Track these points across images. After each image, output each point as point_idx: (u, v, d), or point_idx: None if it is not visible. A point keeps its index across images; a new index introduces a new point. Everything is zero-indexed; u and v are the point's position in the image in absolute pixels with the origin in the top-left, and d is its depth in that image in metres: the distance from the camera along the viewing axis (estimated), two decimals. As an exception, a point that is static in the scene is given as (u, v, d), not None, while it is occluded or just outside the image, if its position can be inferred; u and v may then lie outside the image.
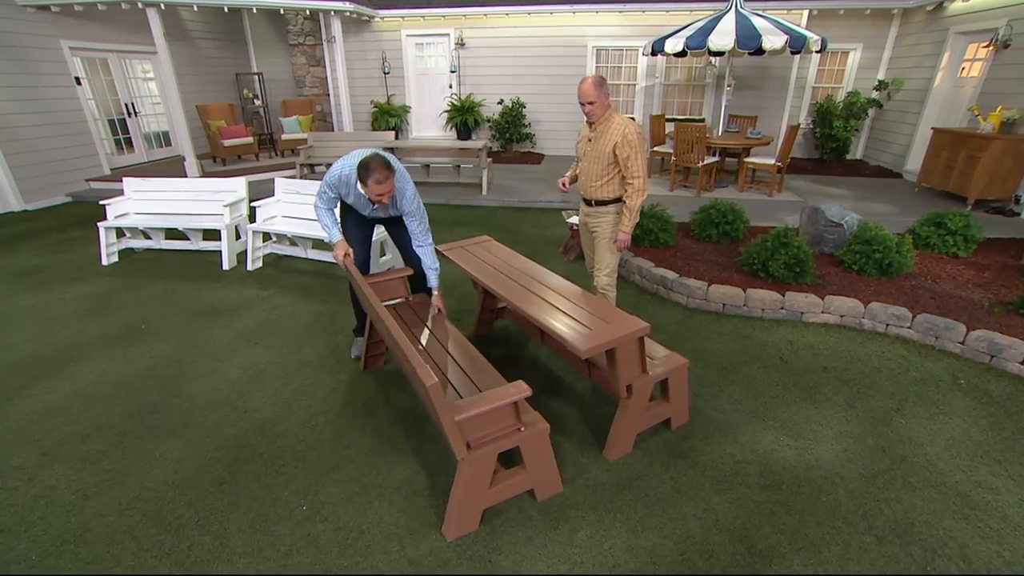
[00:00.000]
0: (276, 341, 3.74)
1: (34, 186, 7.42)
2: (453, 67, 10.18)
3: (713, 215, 5.17)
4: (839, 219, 4.80)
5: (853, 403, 3.01)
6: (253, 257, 5.11)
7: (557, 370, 3.36)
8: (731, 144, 7.02)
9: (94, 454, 2.66)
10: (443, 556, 2.09)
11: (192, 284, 4.75)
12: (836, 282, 4.22)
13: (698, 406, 2.97)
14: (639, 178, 2.98)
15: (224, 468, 2.56)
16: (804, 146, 9.76)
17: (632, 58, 9.55)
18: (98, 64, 8.44)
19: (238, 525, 2.24)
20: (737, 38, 6.05)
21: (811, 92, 9.41)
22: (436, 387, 1.77)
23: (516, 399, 2.02)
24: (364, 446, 2.70)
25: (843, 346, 3.60)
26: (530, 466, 2.22)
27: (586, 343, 2.17)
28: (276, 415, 2.95)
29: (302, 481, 2.48)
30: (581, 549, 2.11)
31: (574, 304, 2.55)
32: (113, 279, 4.88)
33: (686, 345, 3.61)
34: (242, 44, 11.20)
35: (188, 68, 9.73)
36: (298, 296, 4.48)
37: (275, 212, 5.30)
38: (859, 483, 2.44)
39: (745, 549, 2.11)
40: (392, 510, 2.31)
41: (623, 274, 4.80)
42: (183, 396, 3.12)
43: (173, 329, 3.92)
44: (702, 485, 2.43)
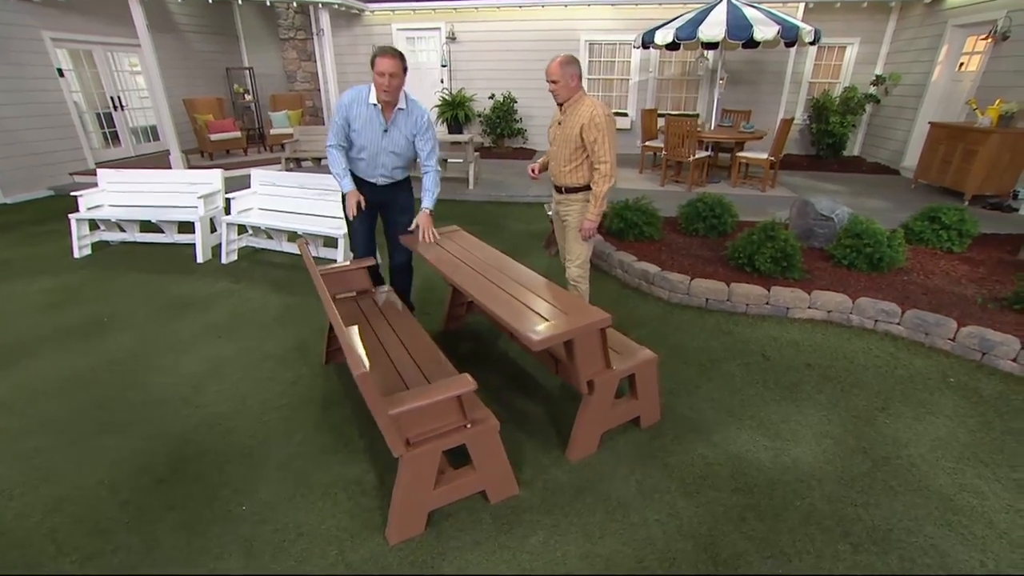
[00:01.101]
0: (241, 335, 3.60)
1: (15, 179, 7.30)
2: (444, 61, 10.04)
3: (700, 208, 5.02)
4: (829, 213, 4.64)
5: (836, 402, 2.85)
6: (227, 250, 4.97)
7: (527, 367, 3.21)
8: (723, 138, 6.86)
9: (28, 451, 2.52)
10: (383, 561, 1.94)
11: (163, 277, 4.62)
12: (825, 277, 4.06)
13: (671, 404, 2.82)
14: (606, 163, 2.83)
15: (166, 466, 2.42)
16: (800, 142, 9.59)
17: (625, 52, 9.39)
18: (83, 56, 8.32)
19: (171, 527, 2.10)
20: (728, 28, 5.89)
21: (807, 87, 9.24)
22: (365, 376, 1.63)
23: (459, 393, 1.87)
24: (315, 443, 2.56)
25: (829, 343, 3.44)
26: (480, 466, 2.07)
27: (539, 334, 2.01)
28: (229, 410, 2.81)
29: (245, 479, 2.34)
30: (532, 555, 1.96)
31: (536, 295, 2.40)
32: (83, 272, 4.75)
33: (664, 341, 3.45)
34: (233, 38, 11.08)
35: (177, 62, 9.61)
36: (270, 290, 4.34)
37: (251, 204, 5.16)
38: (837, 487, 2.28)
39: (709, 557, 1.96)
40: (336, 511, 2.17)
41: (605, 268, 4.65)
42: (135, 390, 2.99)
43: (137, 322, 3.79)
44: (668, 488, 2.28)
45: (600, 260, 4.72)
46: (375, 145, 2.97)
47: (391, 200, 3.21)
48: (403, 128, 2.96)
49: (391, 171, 3.09)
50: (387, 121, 2.92)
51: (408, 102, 2.94)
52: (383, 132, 2.94)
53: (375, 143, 2.96)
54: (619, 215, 4.96)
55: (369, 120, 2.90)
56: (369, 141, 2.95)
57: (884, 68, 8.94)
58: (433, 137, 3.03)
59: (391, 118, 2.92)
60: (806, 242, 4.73)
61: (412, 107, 2.96)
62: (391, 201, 3.22)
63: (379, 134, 2.94)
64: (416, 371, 2.30)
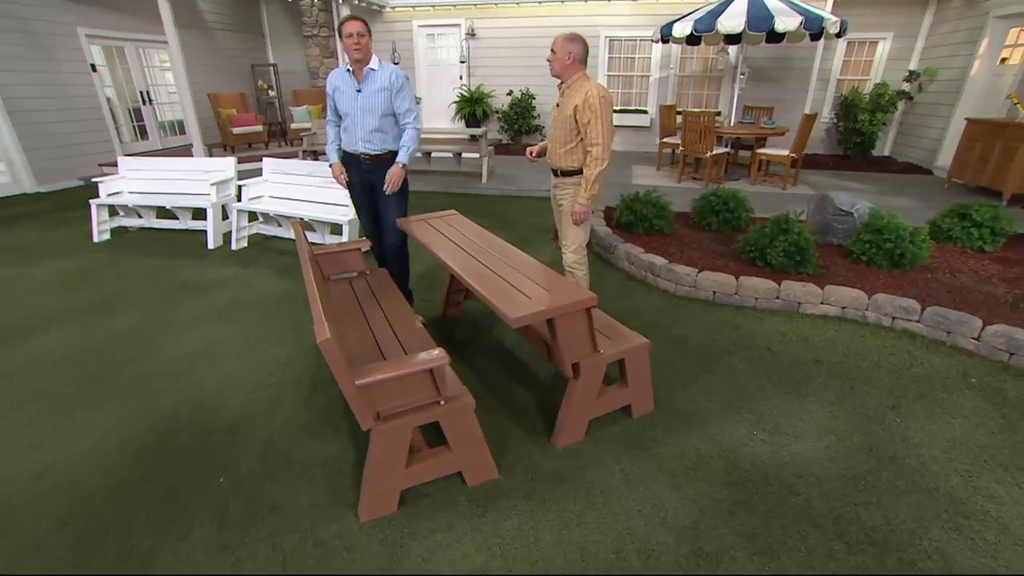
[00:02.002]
0: (240, 317, 3.64)
1: (48, 169, 7.59)
2: (463, 57, 10.06)
3: (713, 202, 4.87)
4: (849, 207, 4.44)
5: (843, 399, 2.70)
6: (238, 236, 5.05)
7: (521, 355, 3.15)
8: (742, 133, 6.67)
9: (24, 420, 2.57)
10: (351, 539, 1.90)
11: (174, 261, 4.71)
12: (842, 273, 3.88)
13: (667, 396, 2.71)
14: (598, 145, 2.74)
15: (151, 439, 2.44)
16: (827, 142, 9.27)
17: (646, 49, 9.25)
18: (115, 52, 8.62)
19: (149, 495, 2.11)
20: (748, 19, 5.72)
21: (836, 84, 8.94)
22: (328, 344, 1.59)
23: (431, 366, 1.82)
24: (299, 421, 2.55)
25: (841, 339, 3.27)
26: (455, 446, 2.01)
27: (518, 311, 1.95)
28: (218, 388, 2.82)
29: (227, 454, 2.33)
30: (504, 540, 1.89)
31: (524, 276, 2.33)
32: (99, 255, 4.89)
33: (665, 332, 3.34)
34: (259, 36, 11.34)
35: (204, 58, 9.87)
36: (275, 275, 4.39)
37: (262, 192, 5.24)
38: (836, 484, 2.15)
39: (692, 551, 1.86)
40: (311, 488, 2.14)
41: (612, 261, 4.55)
42: (131, 367, 3.03)
43: (143, 303, 3.86)
44: (656, 479, 2.18)
45: (607, 252, 4.63)
46: (352, 107, 3.06)
47: (379, 181, 3.21)
48: (375, 85, 3.03)
49: (370, 135, 3.09)
50: (358, 81, 3.04)
51: (380, 63, 3.05)
52: (356, 93, 3.04)
53: (352, 105, 3.06)
54: (629, 207, 4.85)
55: (344, 87, 3.06)
56: (348, 104, 3.07)
57: (919, 63, 8.58)
58: (410, 95, 3.12)
59: (363, 78, 3.03)
60: (824, 238, 4.55)
61: (384, 67, 3.06)
62: (377, 182, 3.22)
63: (354, 95, 3.04)
64: (398, 348, 2.26)
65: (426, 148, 7.81)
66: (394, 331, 2.42)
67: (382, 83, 3.03)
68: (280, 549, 1.88)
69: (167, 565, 1.82)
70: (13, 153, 7.22)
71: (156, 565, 1.82)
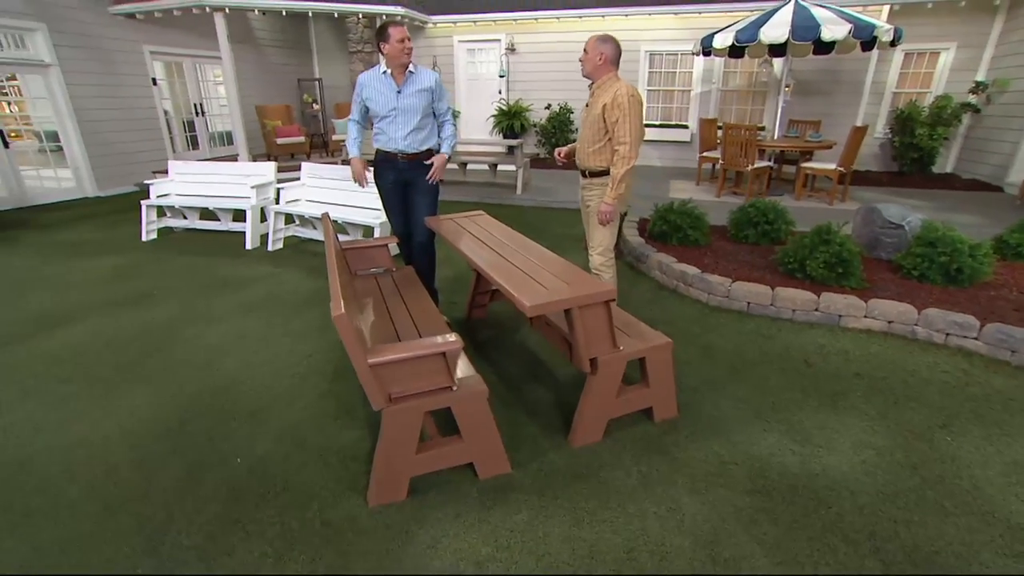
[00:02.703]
0: (269, 312, 3.80)
1: (108, 175, 8.19)
2: (502, 72, 10.32)
3: (751, 214, 4.77)
4: (899, 220, 4.26)
5: (886, 414, 2.57)
6: (274, 238, 5.29)
7: (544, 356, 3.16)
8: (785, 146, 6.53)
9: (65, 396, 2.75)
10: (358, 522, 1.94)
11: (212, 260, 4.98)
12: (889, 288, 3.71)
13: (692, 401, 2.65)
14: (626, 144, 2.76)
15: (176, 420, 2.56)
16: (881, 158, 8.94)
17: (687, 63, 9.25)
18: (174, 67, 9.31)
19: (170, 469, 2.22)
20: (793, 28, 5.65)
21: (891, 98, 8.65)
22: (343, 319, 1.65)
23: (444, 350, 1.85)
24: (318, 409, 2.63)
25: (886, 354, 3.12)
26: (467, 435, 2.03)
27: (535, 299, 1.97)
28: (242, 376, 2.95)
29: (246, 437, 2.43)
30: (512, 533, 1.88)
31: (544, 269, 2.36)
32: (144, 253, 5.22)
33: (694, 340, 3.28)
34: (307, 51, 11.99)
35: (254, 72, 10.50)
36: (306, 274, 4.57)
37: (299, 195, 5.48)
38: (873, 499, 2.04)
39: (708, 556, 1.79)
40: (325, 472, 2.20)
41: (643, 270, 4.51)
42: (163, 354, 3.21)
43: (180, 297, 4.09)
44: (674, 482, 2.13)
45: (638, 262, 4.59)
46: (391, 109, 3.17)
47: (415, 179, 3.32)
48: (416, 86, 3.17)
49: (409, 135, 3.21)
50: (399, 83, 3.15)
51: (415, 66, 3.20)
52: (396, 94, 3.16)
53: (390, 107, 3.17)
54: (662, 217, 4.81)
55: (382, 88, 3.17)
56: (385, 106, 3.18)
57: (987, 74, 8.21)
58: (446, 95, 3.32)
59: (403, 81, 3.16)
60: (871, 253, 4.37)
61: (419, 70, 3.22)
62: (415, 180, 3.34)
63: (393, 97, 3.15)
64: (415, 336, 2.31)
65: (462, 159, 8.01)
66: (414, 321, 2.48)
67: (424, 84, 3.18)
68: (288, 527, 1.93)
69: (180, 532, 1.89)
70: (79, 160, 7.84)
71: (170, 532, 1.90)
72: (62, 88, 7.51)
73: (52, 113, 7.54)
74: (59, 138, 7.66)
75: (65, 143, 7.72)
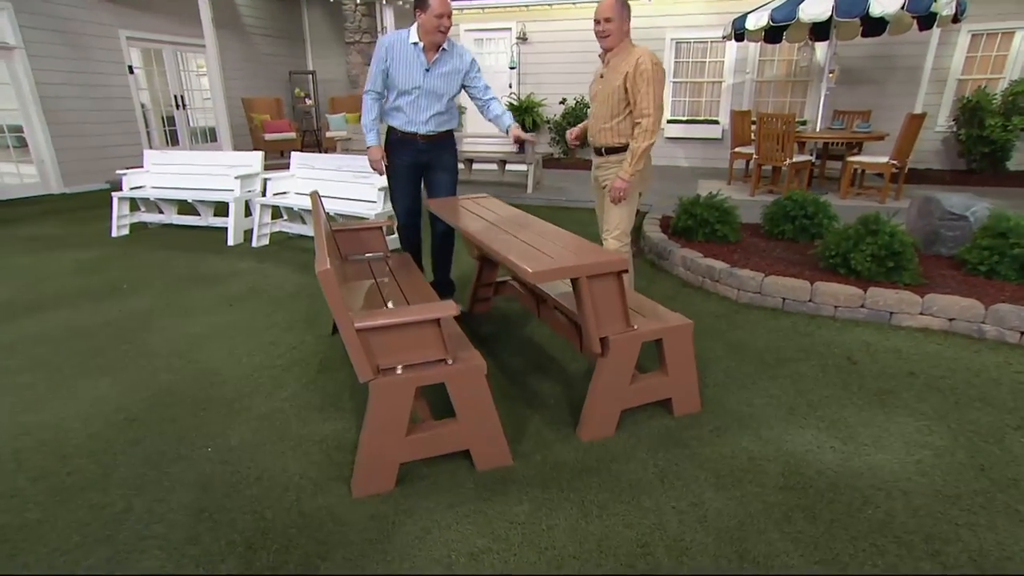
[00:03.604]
0: (252, 306, 3.87)
1: (76, 170, 8.42)
2: (513, 63, 10.55)
3: (788, 207, 4.80)
4: (963, 210, 4.25)
5: (945, 414, 2.55)
6: (259, 234, 5.40)
7: (552, 350, 3.19)
8: (829, 137, 6.58)
9: (19, 385, 2.81)
10: (339, 512, 1.95)
11: (190, 255, 5.09)
12: (950, 285, 3.68)
13: (718, 397, 2.65)
14: (648, 116, 2.82)
15: (143, 408, 2.61)
16: (945, 154, 8.90)
17: (717, 51, 9.41)
18: (152, 55, 9.63)
19: (131, 459, 2.25)
20: (837, 3, 5.73)
21: (955, 86, 8.62)
22: (328, 274, 1.70)
23: (438, 315, 1.89)
24: (301, 400, 2.66)
25: (946, 353, 3.10)
26: (463, 417, 2.04)
27: (537, 266, 2.01)
28: (221, 367, 3.00)
29: (219, 426, 2.46)
30: (512, 525, 1.88)
31: (551, 242, 2.40)
32: (113, 248, 5.35)
33: (721, 337, 3.29)
34: (299, 41, 12.37)
35: (241, 62, 10.84)
36: (293, 269, 4.65)
37: (288, 187, 5.61)
38: (930, 500, 2.01)
39: (734, 552, 1.78)
40: (304, 462, 2.22)
41: (666, 267, 4.53)
42: (134, 344, 3.27)
43: (153, 290, 4.18)
44: (696, 477, 2.12)
45: (660, 258, 4.62)
46: (414, 87, 3.17)
47: (434, 160, 3.39)
48: (446, 67, 3.18)
49: (432, 117, 3.26)
50: (429, 61, 3.14)
51: (449, 43, 3.18)
52: (424, 72, 3.15)
53: (414, 84, 3.16)
54: (687, 211, 4.85)
55: (409, 60, 3.14)
56: (408, 82, 3.16)
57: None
58: (480, 70, 3.34)
59: (434, 58, 3.14)
60: (929, 249, 4.36)
61: (454, 48, 3.21)
62: (434, 161, 3.40)
63: (420, 74, 3.15)
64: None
65: (467, 156, 8.15)
66: (405, 297, 2.52)
67: (454, 64, 3.20)
68: (261, 517, 1.94)
69: (139, 521, 1.91)
70: (44, 153, 8.08)
71: (128, 521, 1.92)
72: (27, 74, 7.74)
73: (15, 102, 7.76)
74: (23, 129, 7.89)
75: (29, 135, 7.94)
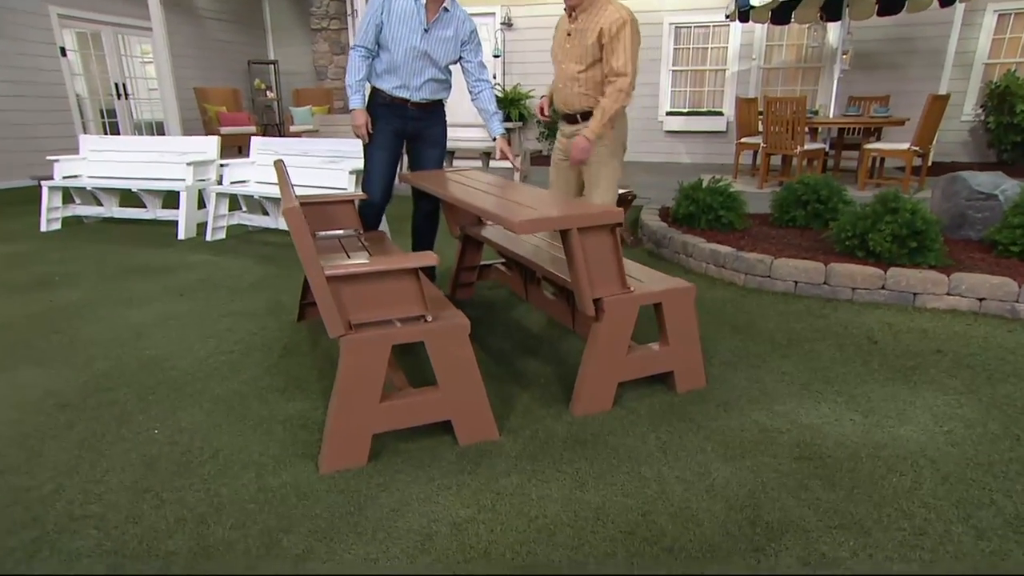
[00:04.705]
0: (206, 295, 3.88)
1: (-1, 163, 8.35)
2: (497, 51, 10.76)
3: (799, 191, 4.93)
4: (992, 189, 4.41)
5: (976, 389, 2.64)
6: (214, 226, 5.41)
7: (541, 333, 3.26)
8: (844, 123, 6.79)
9: (-65, 372, 2.80)
10: (305, 487, 1.96)
11: (133, 248, 5.09)
12: (979, 267, 3.79)
13: (725, 375, 2.72)
14: (624, 77, 2.93)
15: (76, 395, 2.60)
16: (972, 146, 9.16)
17: (721, 37, 9.69)
18: (89, 38, 9.64)
19: (63, 443, 2.24)
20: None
21: (981, 71, 8.90)
22: (294, 212, 1.74)
23: (415, 264, 1.93)
24: (263, 383, 2.69)
25: (977, 332, 3.21)
26: (444, 383, 2.07)
27: (523, 216, 2.07)
28: (172, 353, 3.02)
29: (168, 409, 2.47)
30: (499, 496, 1.91)
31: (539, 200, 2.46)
32: (43, 242, 5.33)
33: (728, 320, 3.39)
34: (259, 29, 12.51)
35: (192, 49, 10.91)
36: (255, 261, 4.69)
37: (248, 175, 5.64)
38: (961, 468, 2.08)
39: (745, 519, 1.81)
40: (267, 440, 2.23)
41: (667, 256, 4.62)
42: (66, 334, 3.27)
43: (90, 282, 4.17)
44: (703, 448, 2.16)
45: (659, 247, 4.72)
46: (410, 48, 3.19)
47: (424, 131, 3.45)
48: (446, 31, 3.23)
49: (425, 84, 3.31)
50: (429, 20, 3.17)
51: (452, 2, 3.23)
52: (423, 32, 3.18)
53: (411, 45, 3.19)
54: (689, 197, 4.96)
55: (408, 16, 3.15)
56: (403, 43, 3.18)
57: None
58: (481, 48, 3.41)
59: (434, 18, 3.18)
60: (957, 233, 4.51)
61: (455, 7, 3.25)
62: (423, 132, 3.46)
63: (417, 34, 3.18)
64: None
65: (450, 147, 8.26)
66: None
67: (455, 29, 3.25)
68: (216, 494, 1.94)
69: (72, 502, 1.90)
70: (-43, 143, 8.01)
71: (60, 502, 1.91)
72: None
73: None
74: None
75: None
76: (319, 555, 1.67)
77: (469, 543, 1.71)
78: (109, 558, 1.67)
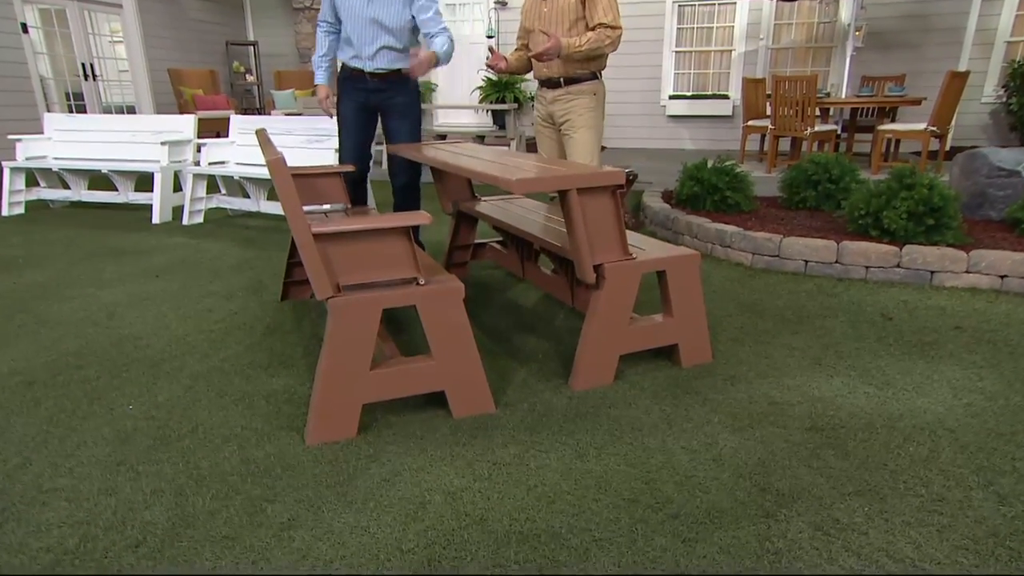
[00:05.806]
0: (184, 277, 3.89)
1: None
2: (490, 32, 10.79)
3: (810, 170, 4.96)
4: (1014, 165, 4.44)
5: (997, 363, 2.67)
6: (191, 210, 5.40)
7: (538, 310, 3.29)
8: (856, 103, 6.84)
9: None
10: (290, 458, 1.96)
11: (104, 232, 5.08)
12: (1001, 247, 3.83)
13: (732, 351, 2.75)
14: (618, 29, 3.04)
15: (45, 373, 2.60)
16: (994, 128, 9.21)
17: (726, 15, 9.74)
18: (53, 15, 9.60)
19: (30, 419, 2.24)
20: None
21: (1004, 50, 8.96)
22: (279, 163, 1.75)
23: (408, 223, 1.94)
24: (244, 359, 2.71)
25: (998, 309, 3.25)
26: (438, 351, 2.08)
27: (522, 176, 2.08)
28: (146, 332, 3.03)
29: (144, 386, 2.48)
30: (496, 466, 1.92)
31: (535, 163, 2.48)
32: (7, 226, 5.32)
33: (735, 299, 3.42)
34: (238, 8, 12.49)
35: (165, 29, 10.88)
36: (235, 244, 4.69)
37: (227, 156, 5.63)
38: (981, 438, 2.11)
39: (754, 486, 1.83)
40: (250, 414, 2.24)
41: (670, 238, 4.65)
42: (32, 314, 3.27)
43: (58, 265, 4.16)
44: (710, 420, 2.18)
45: (662, 228, 4.75)
46: (360, 15, 3.30)
47: (386, 102, 3.49)
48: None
49: (378, 52, 3.37)
50: None
51: None
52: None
53: (359, 12, 3.30)
54: (693, 177, 4.99)
55: None
56: (352, 10, 3.31)
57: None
58: (433, 5, 3.35)
59: None
60: (977, 212, 4.54)
61: None
62: (386, 103, 3.50)
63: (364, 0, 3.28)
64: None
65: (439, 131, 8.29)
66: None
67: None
68: (195, 467, 1.95)
69: (40, 476, 1.90)
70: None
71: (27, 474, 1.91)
72: None
73: None
74: None
75: None
76: (306, 523, 1.67)
77: (464, 511, 1.72)
78: (81, 528, 1.67)
